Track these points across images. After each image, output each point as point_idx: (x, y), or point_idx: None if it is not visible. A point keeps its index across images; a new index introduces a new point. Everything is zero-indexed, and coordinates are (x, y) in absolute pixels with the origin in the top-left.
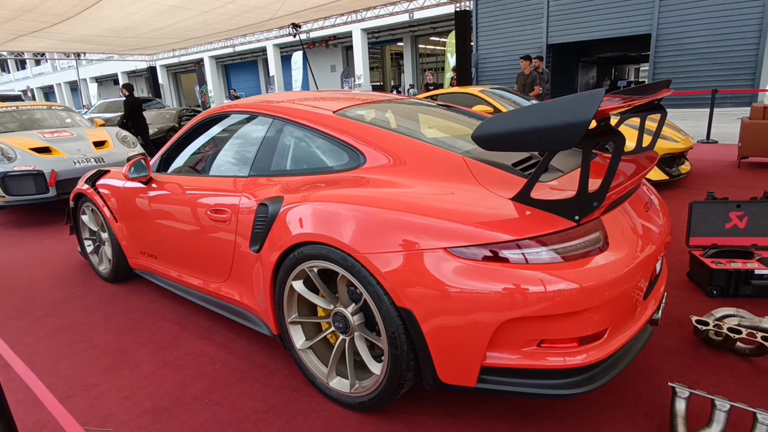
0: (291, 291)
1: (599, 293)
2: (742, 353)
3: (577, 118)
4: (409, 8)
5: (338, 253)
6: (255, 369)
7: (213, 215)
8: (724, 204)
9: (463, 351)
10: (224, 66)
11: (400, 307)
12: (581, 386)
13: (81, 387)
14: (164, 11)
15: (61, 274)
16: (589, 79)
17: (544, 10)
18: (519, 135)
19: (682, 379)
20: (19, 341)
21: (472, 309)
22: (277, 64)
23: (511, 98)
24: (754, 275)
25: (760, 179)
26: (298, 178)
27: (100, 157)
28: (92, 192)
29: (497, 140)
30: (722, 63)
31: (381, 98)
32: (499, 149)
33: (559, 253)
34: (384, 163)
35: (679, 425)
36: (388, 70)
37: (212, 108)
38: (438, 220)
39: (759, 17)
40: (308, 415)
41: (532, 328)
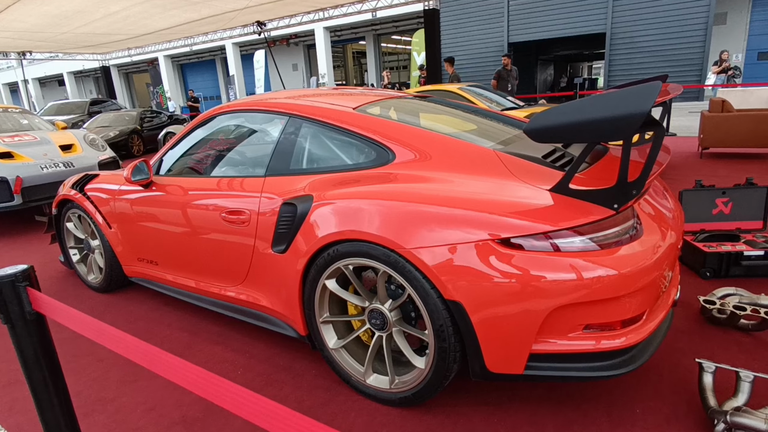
0: (323, 290)
1: (639, 278)
2: (746, 329)
3: (635, 109)
4: (377, 6)
5: (380, 250)
6: (280, 372)
7: (228, 217)
8: (710, 191)
9: (512, 339)
10: (180, 65)
11: (448, 300)
12: (623, 367)
13: (97, 402)
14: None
15: (46, 286)
16: (547, 76)
17: (504, 9)
18: (574, 127)
19: (695, 356)
20: (14, 359)
21: (523, 298)
22: (237, 63)
23: (489, 96)
24: (743, 256)
25: (723, 167)
26: (325, 176)
27: (69, 161)
28: (81, 198)
29: (551, 132)
30: (672, 60)
31: (388, 96)
32: (551, 141)
33: (601, 241)
34: (413, 158)
35: (709, 397)
36: (351, 68)
37: (216, 107)
38: (483, 213)
39: (704, 16)
40: (347, 414)
41: (579, 313)
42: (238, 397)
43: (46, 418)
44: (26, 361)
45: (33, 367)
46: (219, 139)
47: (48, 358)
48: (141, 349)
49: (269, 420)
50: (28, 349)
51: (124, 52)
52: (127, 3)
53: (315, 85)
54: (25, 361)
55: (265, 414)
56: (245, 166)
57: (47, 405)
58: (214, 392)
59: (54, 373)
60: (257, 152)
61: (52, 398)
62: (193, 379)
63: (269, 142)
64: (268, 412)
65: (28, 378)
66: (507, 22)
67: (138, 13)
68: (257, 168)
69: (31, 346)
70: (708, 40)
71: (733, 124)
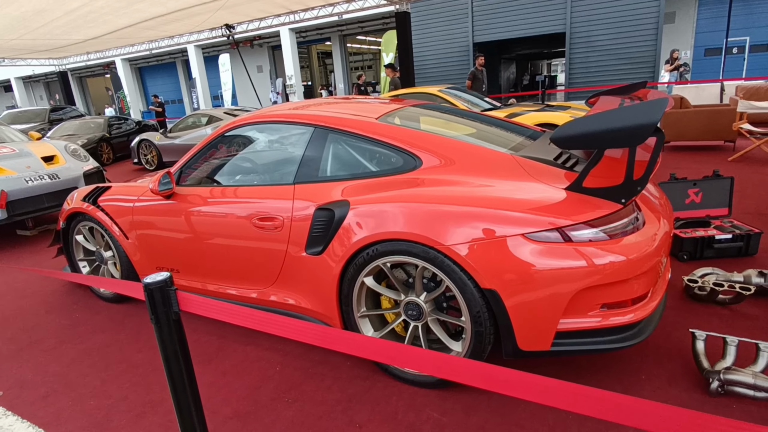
0: (361, 287)
1: (644, 262)
2: (723, 303)
3: (648, 120)
4: (349, 9)
5: (419, 247)
6: (317, 365)
7: (260, 223)
8: (683, 183)
9: (541, 320)
10: (138, 69)
11: (484, 289)
12: (633, 339)
13: (146, 405)
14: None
15: (50, 300)
16: (510, 74)
17: (468, 10)
18: (596, 135)
19: (684, 329)
20: (43, 371)
21: (550, 284)
22: (200, 65)
23: (467, 97)
24: (715, 240)
25: (685, 160)
26: (356, 182)
27: (54, 173)
28: (93, 210)
29: (575, 140)
30: (627, 58)
31: (400, 105)
32: (575, 148)
33: (612, 231)
34: (439, 164)
35: (702, 361)
36: (316, 69)
37: (236, 119)
38: (512, 211)
39: (655, 15)
40: (390, 398)
41: (596, 294)
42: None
43: (181, 407)
44: (168, 356)
45: (173, 361)
46: (241, 149)
47: (184, 354)
48: (319, 332)
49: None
50: (171, 345)
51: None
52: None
53: (281, 87)
54: (167, 356)
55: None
56: (271, 175)
57: (183, 395)
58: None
59: (188, 366)
60: (283, 161)
61: (187, 389)
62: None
63: (294, 151)
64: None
65: (168, 371)
66: (471, 22)
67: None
68: (284, 176)
69: (172, 343)
70: (659, 39)
71: (691, 119)
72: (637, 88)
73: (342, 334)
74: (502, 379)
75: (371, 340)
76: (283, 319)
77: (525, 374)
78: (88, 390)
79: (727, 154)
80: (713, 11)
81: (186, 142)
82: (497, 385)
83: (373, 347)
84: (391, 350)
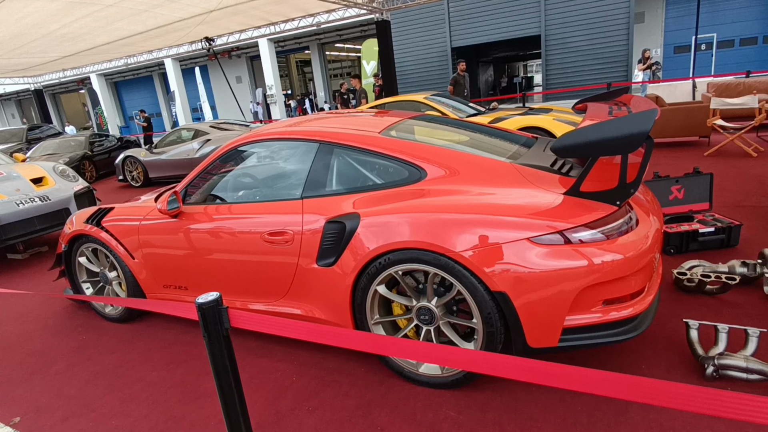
0: (374, 295)
1: (641, 259)
2: (710, 293)
3: (640, 129)
4: (329, 19)
5: (431, 255)
6: (332, 373)
7: (270, 237)
8: (667, 180)
9: (548, 318)
10: (114, 83)
11: (494, 292)
12: (633, 332)
13: (168, 421)
14: (61, 9)
15: (54, 323)
16: (487, 77)
17: (445, 16)
18: (593, 144)
19: (677, 319)
20: (58, 394)
21: (556, 283)
22: (179, 78)
23: (451, 103)
24: (699, 234)
25: (664, 157)
26: (363, 195)
27: (44, 195)
28: (97, 231)
29: (574, 149)
30: (601, 58)
31: (398, 119)
32: (574, 156)
33: (609, 232)
34: (443, 174)
35: (697, 348)
36: (295, 78)
37: (239, 138)
38: (516, 217)
39: (626, 15)
40: (407, 400)
41: (598, 291)
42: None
43: (231, 419)
44: (218, 371)
45: (223, 375)
46: (246, 167)
47: (233, 368)
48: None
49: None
50: (221, 361)
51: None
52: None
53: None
54: (218, 371)
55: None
56: (278, 191)
57: (233, 407)
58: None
59: (237, 380)
60: (289, 177)
61: (236, 402)
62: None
63: (300, 167)
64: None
65: (218, 385)
66: (449, 28)
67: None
68: (292, 191)
69: (223, 358)
70: (631, 38)
71: (667, 117)
72: (619, 94)
73: (404, 343)
74: (528, 369)
75: (435, 347)
76: (341, 331)
77: (549, 363)
78: (108, 410)
79: (703, 149)
80: (680, 10)
81: (173, 158)
82: (526, 374)
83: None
84: (444, 352)
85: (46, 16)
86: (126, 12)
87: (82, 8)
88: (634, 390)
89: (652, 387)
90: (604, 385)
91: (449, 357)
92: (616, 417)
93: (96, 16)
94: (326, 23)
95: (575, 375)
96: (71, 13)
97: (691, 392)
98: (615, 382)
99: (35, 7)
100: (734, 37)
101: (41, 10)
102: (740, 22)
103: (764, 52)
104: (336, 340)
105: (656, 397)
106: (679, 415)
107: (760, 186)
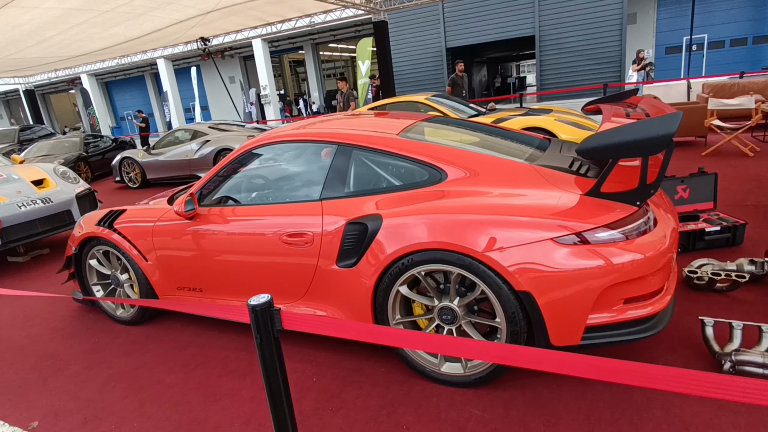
0: (396, 295)
1: (660, 258)
2: (720, 291)
3: (666, 131)
4: (327, 19)
5: (455, 255)
6: (352, 373)
7: (289, 239)
8: (672, 180)
9: (572, 317)
10: (105, 83)
11: (518, 291)
12: (653, 329)
13: (192, 423)
14: (59, 16)
15: (63, 326)
16: (481, 77)
17: (440, 17)
18: (619, 146)
19: (690, 317)
20: (75, 397)
21: (580, 282)
22: (171, 78)
23: (452, 104)
24: (705, 233)
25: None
26: (384, 196)
27: (47, 197)
28: (109, 233)
29: (600, 151)
30: (595, 58)
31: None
32: (600, 158)
33: (630, 232)
34: (464, 176)
35: (713, 345)
36: (289, 78)
37: (254, 140)
38: (539, 218)
39: (619, 16)
40: (430, 399)
41: (620, 290)
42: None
43: (279, 418)
44: (268, 372)
45: (272, 376)
46: (261, 169)
47: (282, 369)
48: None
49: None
50: (271, 362)
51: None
52: (65, 26)
53: (255, 97)
54: (267, 372)
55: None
56: (295, 193)
57: (281, 408)
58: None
59: (285, 381)
60: (306, 179)
61: (284, 402)
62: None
63: (318, 168)
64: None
65: (267, 386)
66: (444, 28)
67: (75, 35)
68: (310, 193)
69: (273, 359)
70: (624, 39)
71: None
72: (629, 96)
73: (462, 342)
74: (559, 361)
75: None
76: (398, 331)
77: (579, 355)
78: (128, 413)
79: (700, 149)
80: (672, 11)
81: (171, 159)
82: (558, 366)
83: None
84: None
85: (43, 23)
86: (122, 17)
87: (80, 15)
88: (666, 380)
89: (683, 376)
90: (636, 376)
91: (489, 351)
92: (639, 413)
93: (93, 22)
94: (322, 23)
95: (606, 366)
96: (68, 20)
97: (719, 380)
98: (647, 372)
99: (33, 14)
100: (725, 38)
101: (39, 18)
102: (730, 24)
103: (754, 53)
104: (392, 340)
105: (686, 385)
106: (700, 411)
107: (759, 185)
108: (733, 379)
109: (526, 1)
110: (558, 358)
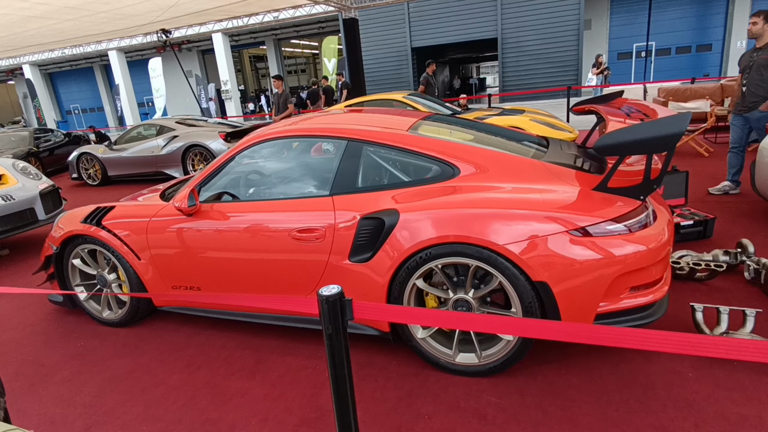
0: (412, 288)
1: (662, 249)
2: (700, 279)
3: (678, 129)
4: (295, 15)
5: (473, 248)
6: (365, 367)
7: (300, 235)
8: None
9: (584, 305)
10: (49, 74)
11: (535, 281)
12: (654, 315)
13: (206, 424)
14: None
15: (41, 329)
16: (444, 77)
17: (405, 16)
18: (633, 144)
19: (676, 303)
20: (70, 403)
21: (592, 272)
22: (124, 70)
23: (429, 104)
24: (680, 226)
25: None
26: (397, 191)
27: (7, 194)
28: (96, 231)
29: (615, 149)
30: (553, 61)
31: (420, 117)
32: (615, 155)
33: (634, 225)
34: (475, 172)
35: (703, 328)
36: (249, 73)
37: (255, 134)
38: (553, 211)
39: (576, 22)
40: (447, 389)
41: (627, 279)
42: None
43: (342, 411)
44: (335, 363)
45: (339, 367)
46: (267, 163)
47: (348, 361)
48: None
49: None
50: (339, 353)
51: None
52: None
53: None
54: (334, 363)
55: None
56: (303, 188)
57: (345, 401)
58: None
59: (350, 374)
60: (313, 174)
61: (348, 393)
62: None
63: (326, 164)
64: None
65: (333, 378)
66: (409, 28)
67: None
68: (319, 189)
69: (340, 351)
70: (581, 44)
71: None
72: (614, 97)
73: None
74: (589, 333)
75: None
76: (477, 317)
77: (605, 327)
78: (133, 416)
79: None
80: (623, 18)
81: (136, 155)
82: (591, 337)
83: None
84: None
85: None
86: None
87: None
88: (685, 345)
89: (698, 341)
90: (660, 342)
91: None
92: (645, 393)
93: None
94: (290, 18)
95: (633, 335)
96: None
97: (723, 342)
98: (667, 339)
99: None
100: (671, 46)
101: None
102: (676, 32)
103: (697, 60)
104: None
105: (704, 349)
106: (699, 389)
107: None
108: (731, 341)
109: (489, 5)
110: (595, 330)
